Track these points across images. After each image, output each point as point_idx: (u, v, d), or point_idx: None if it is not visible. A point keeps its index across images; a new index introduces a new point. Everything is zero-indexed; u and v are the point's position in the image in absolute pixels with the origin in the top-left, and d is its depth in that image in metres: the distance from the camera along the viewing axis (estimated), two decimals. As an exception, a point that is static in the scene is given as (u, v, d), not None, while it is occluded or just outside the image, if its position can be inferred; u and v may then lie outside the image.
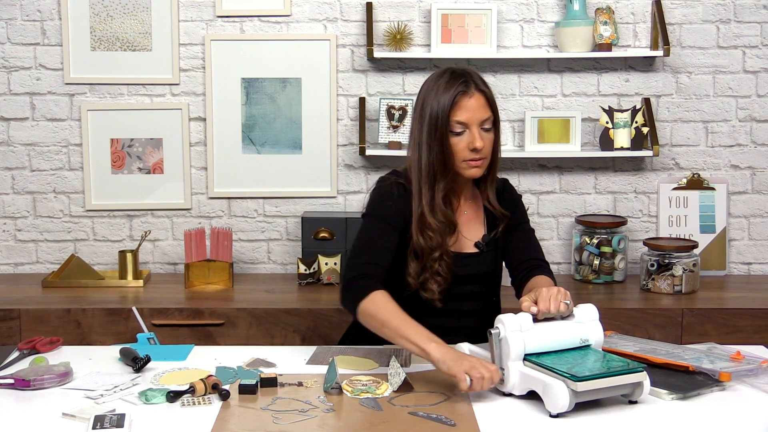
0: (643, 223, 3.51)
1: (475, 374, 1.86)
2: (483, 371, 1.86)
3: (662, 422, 1.79)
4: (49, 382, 1.97)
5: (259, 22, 3.42)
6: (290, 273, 3.50)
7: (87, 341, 2.92)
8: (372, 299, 2.07)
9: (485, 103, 2.17)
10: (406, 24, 3.38)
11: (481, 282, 2.29)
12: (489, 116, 2.17)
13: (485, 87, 2.19)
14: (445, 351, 1.93)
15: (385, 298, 2.08)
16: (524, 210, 2.42)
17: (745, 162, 3.49)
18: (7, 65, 3.42)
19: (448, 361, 1.90)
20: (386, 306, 2.06)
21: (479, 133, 2.15)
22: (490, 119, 2.17)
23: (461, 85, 2.15)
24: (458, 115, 2.14)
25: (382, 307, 2.06)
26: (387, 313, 2.04)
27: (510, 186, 2.41)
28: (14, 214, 3.49)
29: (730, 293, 3.26)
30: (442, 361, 1.91)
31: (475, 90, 2.16)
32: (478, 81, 2.18)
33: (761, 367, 2.03)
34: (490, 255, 2.30)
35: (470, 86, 2.15)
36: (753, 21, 3.42)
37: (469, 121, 2.14)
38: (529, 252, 2.32)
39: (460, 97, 2.14)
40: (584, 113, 3.44)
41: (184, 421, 1.79)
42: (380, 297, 2.08)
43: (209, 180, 3.47)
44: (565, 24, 3.32)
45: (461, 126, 2.15)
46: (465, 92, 2.14)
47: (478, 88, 2.16)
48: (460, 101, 2.14)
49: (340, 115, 3.46)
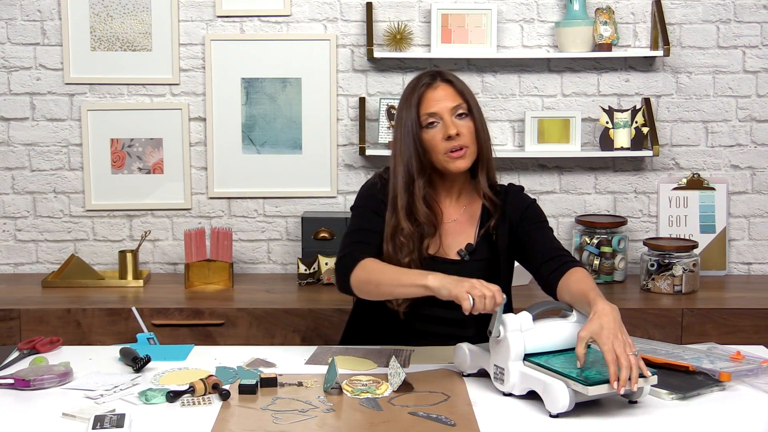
0: (643, 223, 3.51)
1: (477, 293, 1.86)
2: (485, 290, 1.86)
3: (662, 422, 1.79)
4: (49, 382, 1.97)
5: (259, 22, 3.42)
6: (290, 273, 3.50)
7: (87, 341, 2.92)
8: (361, 266, 2.07)
9: (453, 92, 2.16)
10: (406, 24, 3.38)
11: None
12: (459, 103, 2.15)
13: (453, 78, 2.18)
14: (442, 277, 1.93)
15: (373, 262, 2.07)
16: (539, 210, 2.29)
17: (745, 162, 3.49)
18: (7, 65, 3.42)
19: (447, 285, 1.90)
20: (376, 267, 2.06)
21: (452, 120, 2.14)
22: (462, 106, 2.16)
23: (426, 78, 2.17)
24: (426, 107, 2.15)
25: (372, 269, 2.06)
26: (378, 273, 2.04)
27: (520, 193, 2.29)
28: (14, 214, 3.49)
29: (730, 293, 3.26)
30: (442, 287, 1.91)
31: (441, 81, 2.17)
32: (446, 75, 2.18)
33: (761, 367, 2.03)
34: (477, 264, 2.22)
35: (435, 79, 2.17)
36: (753, 21, 3.42)
37: (439, 111, 2.15)
38: (548, 243, 2.19)
39: (425, 90, 2.16)
40: (584, 113, 3.44)
41: (184, 421, 1.79)
42: (368, 262, 2.08)
43: (209, 180, 3.47)
44: (565, 24, 3.32)
45: (432, 117, 2.15)
46: (430, 84, 2.16)
47: (444, 79, 2.17)
48: (426, 94, 2.16)
49: (340, 115, 3.46)
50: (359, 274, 2.07)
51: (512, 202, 2.26)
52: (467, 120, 2.16)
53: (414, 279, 1.97)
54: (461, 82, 2.20)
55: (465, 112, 2.16)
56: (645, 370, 1.78)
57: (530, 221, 2.24)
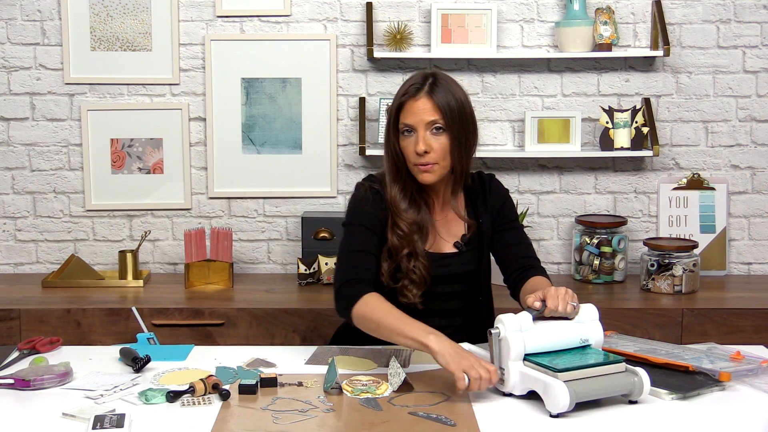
0: (643, 223, 3.51)
1: (473, 374, 1.85)
2: (481, 371, 1.86)
3: (662, 422, 1.79)
4: (49, 382, 1.97)
5: (259, 22, 3.42)
6: (290, 273, 3.50)
7: (87, 341, 2.92)
8: (364, 302, 2.09)
9: (432, 107, 2.15)
10: (406, 24, 3.38)
11: (462, 281, 2.29)
12: (435, 119, 2.15)
13: (440, 93, 2.15)
14: (444, 343, 1.93)
15: (377, 300, 2.09)
16: (513, 207, 2.38)
17: (745, 162, 3.49)
18: (7, 65, 3.42)
19: (446, 356, 1.90)
20: (379, 306, 2.07)
21: (425, 135, 2.15)
22: (439, 122, 2.15)
23: (412, 88, 2.17)
24: (404, 117, 2.17)
25: (375, 308, 2.07)
26: (381, 313, 2.05)
27: (497, 183, 2.38)
28: (14, 214, 3.49)
29: (730, 293, 3.26)
30: (441, 354, 1.91)
31: (424, 94, 2.15)
32: (435, 86, 2.16)
33: (761, 367, 2.03)
34: (471, 254, 2.30)
35: (420, 90, 2.16)
36: (753, 21, 3.42)
37: (414, 124, 2.16)
38: (521, 250, 2.32)
39: (406, 99, 2.17)
40: (584, 113, 3.44)
41: (184, 421, 1.79)
42: (372, 299, 2.09)
43: (209, 180, 3.47)
44: (565, 24, 3.32)
45: (407, 127, 2.17)
46: (412, 95, 2.16)
47: (428, 92, 2.15)
48: (406, 103, 2.17)
49: (340, 115, 3.46)
50: (362, 309, 2.09)
51: (492, 192, 2.34)
52: (442, 136, 2.16)
53: (416, 335, 1.97)
54: (447, 94, 2.17)
55: (441, 127, 2.16)
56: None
57: (506, 220, 2.33)
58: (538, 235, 3.49)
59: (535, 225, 3.49)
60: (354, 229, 2.23)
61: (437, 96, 2.15)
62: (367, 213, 2.23)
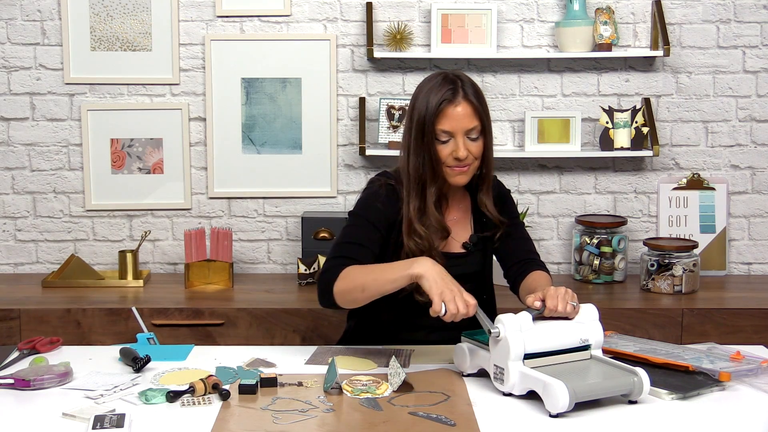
0: (643, 223, 3.51)
1: (452, 308, 1.90)
2: (460, 306, 1.90)
3: (662, 422, 1.79)
4: (49, 382, 1.97)
5: (259, 22, 3.42)
6: (290, 273, 3.50)
7: (87, 341, 2.92)
8: (341, 276, 2.07)
9: (471, 112, 2.14)
10: (406, 24, 3.38)
11: (469, 281, 2.28)
12: (475, 125, 2.15)
13: (474, 96, 2.15)
14: (429, 267, 1.96)
15: (354, 269, 2.07)
16: (513, 204, 2.41)
17: (745, 162, 3.49)
18: (7, 65, 3.42)
19: (430, 280, 1.94)
20: (356, 271, 2.06)
21: (464, 142, 2.14)
22: (477, 128, 2.15)
23: (448, 93, 2.13)
24: (443, 123, 2.14)
25: (354, 276, 2.05)
26: (361, 275, 2.04)
27: (498, 182, 2.39)
28: (14, 214, 3.49)
29: (730, 293, 3.26)
30: (426, 278, 1.94)
31: (462, 99, 2.13)
32: (467, 89, 2.15)
33: (761, 367, 2.03)
34: (477, 255, 2.31)
35: (457, 95, 2.13)
36: (753, 21, 3.42)
37: (453, 131, 2.14)
38: (522, 246, 2.34)
39: (445, 106, 2.13)
40: (584, 113, 3.44)
41: (184, 421, 1.79)
42: (349, 270, 2.07)
43: (209, 180, 3.47)
44: (565, 24, 3.32)
45: (446, 135, 2.15)
46: (451, 101, 2.13)
47: (465, 96, 2.14)
48: (446, 110, 2.13)
49: (340, 115, 3.46)
50: (341, 284, 2.06)
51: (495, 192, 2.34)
52: (478, 142, 2.17)
53: (401, 272, 1.98)
54: (480, 97, 2.17)
55: (477, 136, 2.17)
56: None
57: (507, 216, 2.34)
58: (538, 235, 3.49)
59: (535, 225, 3.49)
60: (359, 220, 2.21)
61: (475, 101, 2.15)
62: (377, 209, 2.20)
